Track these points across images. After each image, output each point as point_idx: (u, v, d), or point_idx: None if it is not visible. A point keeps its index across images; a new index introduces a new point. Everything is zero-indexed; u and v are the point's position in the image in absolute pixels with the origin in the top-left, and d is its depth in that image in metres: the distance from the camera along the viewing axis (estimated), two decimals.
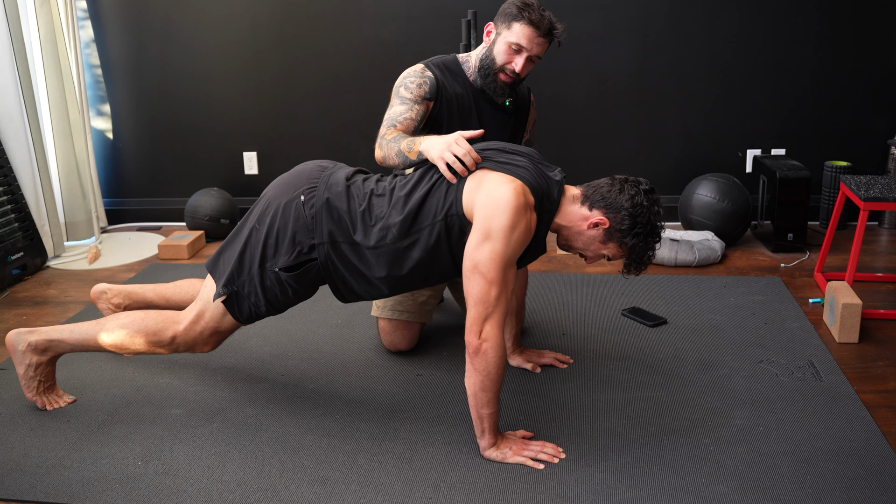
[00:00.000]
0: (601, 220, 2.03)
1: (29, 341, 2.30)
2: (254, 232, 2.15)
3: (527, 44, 2.30)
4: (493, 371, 1.96)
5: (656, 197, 2.05)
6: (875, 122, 3.99)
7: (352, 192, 2.11)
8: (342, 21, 4.07)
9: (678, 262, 3.50)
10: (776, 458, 2.04)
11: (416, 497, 1.93)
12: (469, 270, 1.92)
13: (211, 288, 2.22)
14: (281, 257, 2.11)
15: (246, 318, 2.22)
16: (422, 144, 2.09)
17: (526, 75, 2.39)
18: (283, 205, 2.12)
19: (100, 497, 1.95)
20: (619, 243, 2.05)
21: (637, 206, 2.00)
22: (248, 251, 2.14)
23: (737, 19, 3.91)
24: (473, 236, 1.94)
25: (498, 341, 1.94)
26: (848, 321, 2.68)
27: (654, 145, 4.10)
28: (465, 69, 2.46)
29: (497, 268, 1.91)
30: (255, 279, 2.14)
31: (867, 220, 3.02)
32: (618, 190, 2.03)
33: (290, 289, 2.15)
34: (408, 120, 2.30)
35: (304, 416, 2.30)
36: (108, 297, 2.64)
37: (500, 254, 1.90)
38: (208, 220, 4.03)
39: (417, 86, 2.36)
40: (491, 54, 2.36)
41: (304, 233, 2.10)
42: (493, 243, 1.90)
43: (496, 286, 1.91)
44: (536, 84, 3.89)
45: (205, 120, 4.29)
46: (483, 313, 1.92)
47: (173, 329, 2.24)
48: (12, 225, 3.52)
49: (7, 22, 3.46)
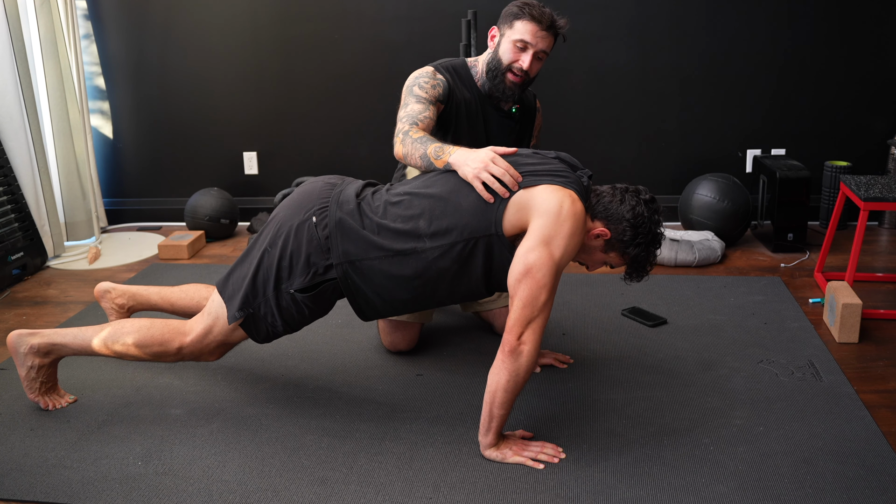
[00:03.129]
0: (602, 231, 2.03)
1: (31, 344, 2.29)
2: (266, 254, 2.13)
3: (531, 39, 2.31)
4: (522, 375, 1.96)
5: (657, 206, 2.06)
6: (875, 122, 3.99)
7: (363, 208, 2.09)
8: (342, 21, 4.07)
9: (678, 262, 3.50)
10: (776, 458, 2.04)
11: (416, 497, 1.93)
12: (520, 273, 1.91)
13: (219, 303, 2.20)
14: (296, 279, 2.10)
15: (263, 338, 2.22)
16: (451, 156, 2.06)
17: (535, 75, 2.39)
18: (296, 227, 2.11)
19: (100, 497, 1.95)
20: (620, 253, 2.06)
21: (638, 216, 2.01)
22: (262, 273, 2.13)
23: (736, 19, 3.92)
24: (528, 241, 1.92)
25: (535, 347, 1.94)
26: (848, 321, 2.68)
27: (654, 145, 4.10)
28: (473, 74, 2.46)
29: (551, 273, 1.91)
30: (270, 301, 2.13)
31: (867, 220, 3.02)
32: (619, 201, 2.03)
33: (307, 308, 2.15)
34: (427, 119, 2.28)
35: (304, 416, 2.30)
36: (112, 296, 2.63)
37: (556, 259, 1.91)
38: (208, 220, 4.03)
39: (432, 87, 2.36)
40: (497, 56, 2.37)
41: (319, 254, 2.09)
42: (550, 248, 1.90)
43: (546, 291, 1.91)
44: (536, 84, 3.89)
45: (205, 120, 4.29)
46: (528, 316, 1.92)
47: (179, 340, 2.23)
48: (12, 225, 3.52)
49: (7, 22, 3.46)
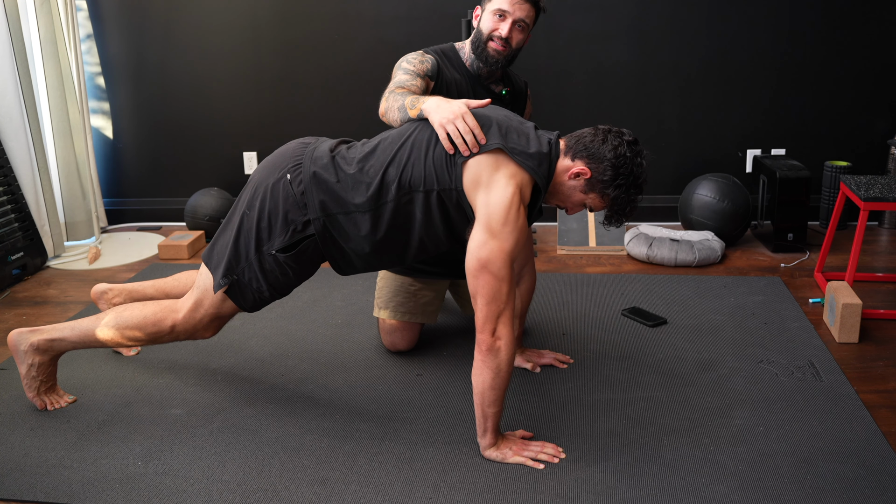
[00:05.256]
0: (583, 170, 2.01)
1: (31, 341, 2.30)
2: (245, 218, 2.13)
3: (508, 7, 2.37)
4: (504, 369, 1.96)
5: (640, 148, 2.03)
6: (875, 122, 3.99)
7: (337, 161, 2.09)
8: (342, 21, 4.07)
9: (678, 262, 3.50)
10: (776, 458, 2.04)
11: (416, 497, 1.93)
12: (477, 269, 1.92)
13: (207, 275, 2.19)
14: (276, 239, 2.09)
15: (251, 306, 2.21)
16: (425, 104, 2.07)
17: (518, 47, 2.43)
18: (271, 186, 2.10)
19: (100, 497, 1.95)
20: (600, 194, 2.03)
21: (620, 156, 1.99)
22: (243, 238, 2.12)
23: (736, 19, 3.91)
24: (477, 234, 1.93)
25: (511, 339, 1.94)
26: (848, 321, 2.68)
27: (654, 145, 4.10)
28: (461, 55, 2.52)
29: (506, 264, 1.91)
30: (253, 265, 2.12)
31: (867, 220, 3.02)
32: (601, 140, 2.01)
33: (291, 269, 2.13)
34: (414, 87, 2.31)
35: (304, 416, 2.30)
36: (108, 297, 2.64)
37: (508, 251, 1.91)
38: (208, 220, 4.03)
39: (420, 62, 2.41)
40: (479, 28, 2.45)
41: (296, 211, 2.08)
42: (500, 242, 1.90)
43: (506, 283, 1.92)
44: (536, 84, 3.89)
45: (205, 120, 4.29)
46: (496, 311, 1.92)
47: (172, 318, 2.22)
48: (12, 225, 3.52)
49: (7, 22, 3.46)
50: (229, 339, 2.81)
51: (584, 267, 3.55)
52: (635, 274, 3.43)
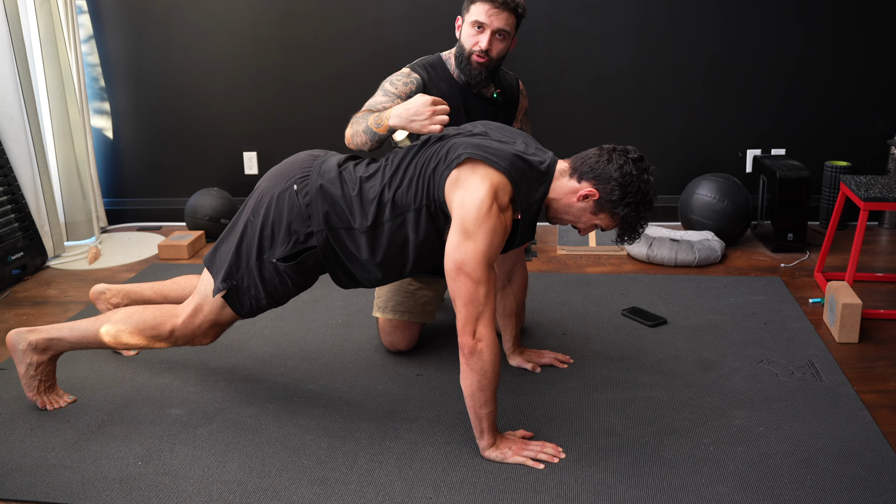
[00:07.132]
0: (591, 191, 2.01)
1: (29, 340, 2.30)
2: (249, 225, 2.14)
3: (486, 18, 2.36)
4: (490, 370, 1.96)
5: (646, 165, 2.03)
6: (875, 122, 3.99)
7: (344, 177, 2.11)
8: (342, 21, 4.07)
9: (678, 262, 3.50)
10: (776, 458, 2.04)
11: (416, 497, 1.93)
12: (454, 271, 1.92)
13: (208, 281, 2.21)
14: (278, 248, 2.10)
15: (247, 312, 2.22)
16: (391, 119, 2.13)
17: (500, 56, 2.43)
18: (277, 195, 2.12)
19: (100, 497, 1.95)
20: (610, 214, 2.04)
21: (626, 175, 1.99)
22: (245, 244, 2.14)
23: (736, 19, 3.91)
24: (453, 235, 1.93)
25: (492, 339, 1.94)
26: (848, 321, 2.68)
27: (653, 145, 4.10)
28: (448, 66, 2.52)
29: (483, 266, 1.91)
30: (253, 272, 2.13)
31: (867, 220, 3.02)
32: (606, 160, 2.01)
33: (290, 279, 2.14)
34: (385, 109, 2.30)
35: (304, 416, 2.30)
36: (107, 297, 2.65)
37: (483, 252, 1.90)
38: (208, 220, 4.03)
39: (403, 84, 2.43)
40: (460, 42, 2.45)
41: (300, 222, 2.09)
42: (474, 243, 1.90)
43: (483, 285, 1.91)
44: (537, 84, 3.89)
45: (205, 120, 4.29)
46: (474, 313, 1.92)
47: (171, 322, 2.23)
48: (12, 225, 3.51)
49: (7, 21, 3.46)
50: (229, 339, 2.81)
51: (584, 267, 3.55)
52: (635, 274, 3.43)
